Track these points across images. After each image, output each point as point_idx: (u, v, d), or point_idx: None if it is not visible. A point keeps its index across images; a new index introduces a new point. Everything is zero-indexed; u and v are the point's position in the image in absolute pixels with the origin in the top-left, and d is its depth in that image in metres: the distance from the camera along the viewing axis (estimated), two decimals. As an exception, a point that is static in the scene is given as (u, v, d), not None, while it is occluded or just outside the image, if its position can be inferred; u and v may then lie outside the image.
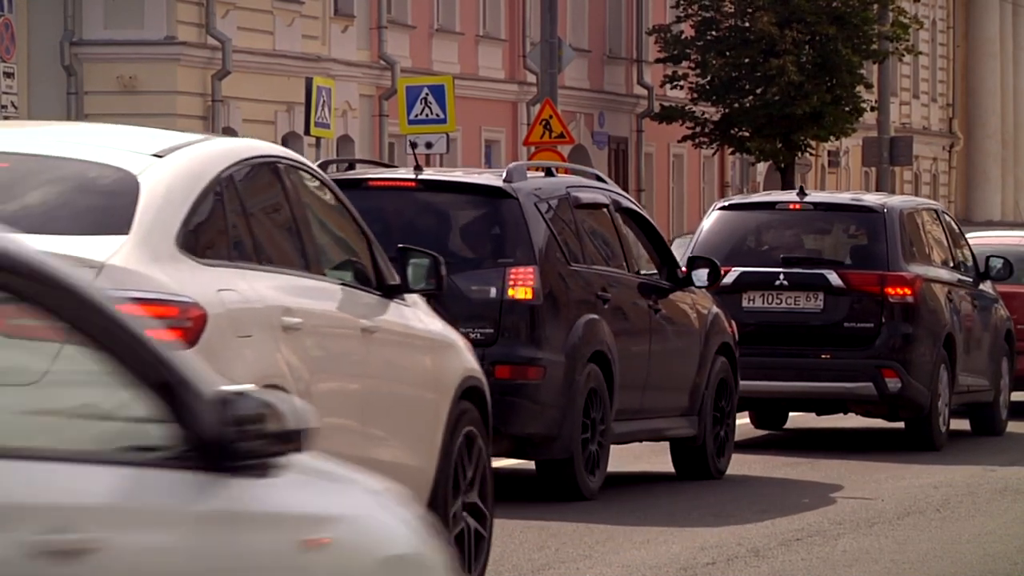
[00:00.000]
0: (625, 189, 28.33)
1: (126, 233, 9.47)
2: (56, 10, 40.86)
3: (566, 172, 18.95)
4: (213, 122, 40.92)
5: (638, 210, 18.14)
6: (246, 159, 10.58)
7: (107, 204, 9.77)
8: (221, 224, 10.16)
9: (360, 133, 45.30)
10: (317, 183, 11.34)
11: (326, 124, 37.89)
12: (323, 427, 9.43)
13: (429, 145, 36.51)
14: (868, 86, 57.83)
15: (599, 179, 18.91)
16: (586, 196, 16.92)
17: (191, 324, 9.38)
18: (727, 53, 55.29)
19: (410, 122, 37.77)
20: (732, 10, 55.59)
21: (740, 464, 18.06)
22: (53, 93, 40.05)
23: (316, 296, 10.65)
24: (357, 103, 46.56)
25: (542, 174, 17.50)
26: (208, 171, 10.12)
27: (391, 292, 11.30)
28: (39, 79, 39.02)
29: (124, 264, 9.32)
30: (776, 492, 16.46)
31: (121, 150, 10.15)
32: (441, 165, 34.73)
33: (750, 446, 19.88)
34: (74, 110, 40.04)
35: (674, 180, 60.51)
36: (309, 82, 39.35)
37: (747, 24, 55.00)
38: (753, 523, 14.60)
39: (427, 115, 37.61)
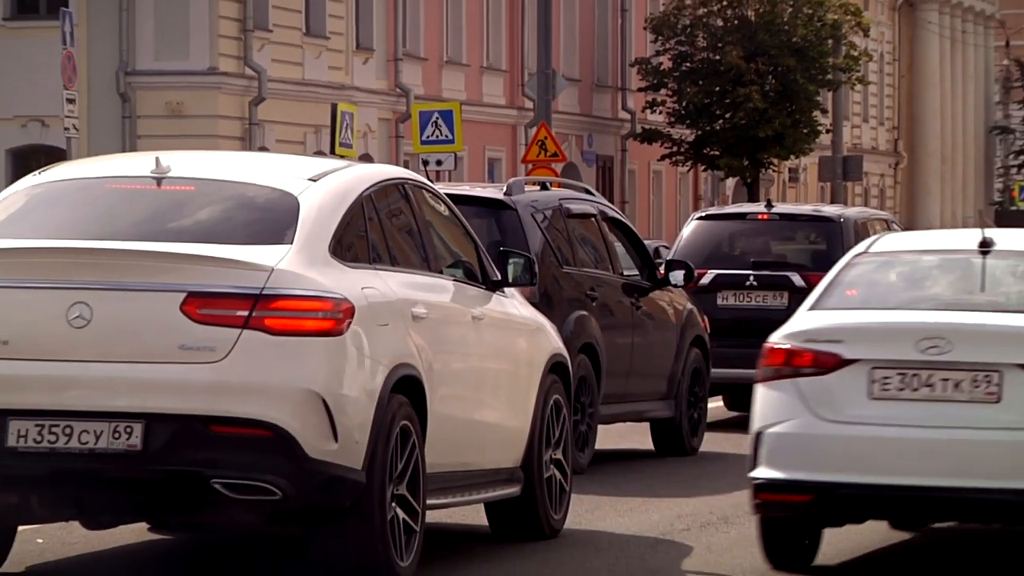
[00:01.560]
0: (611, 201, 28.30)
1: (289, 243, 9.90)
2: (113, 44, 40.86)
3: (559, 186, 18.95)
4: (250, 143, 40.91)
5: (622, 219, 18.11)
6: (380, 181, 11.14)
7: (273, 219, 10.17)
8: (362, 234, 10.55)
9: (379, 152, 45.26)
10: (434, 198, 11.96)
11: (349, 144, 37.91)
12: (445, 396, 10.76)
13: (439, 163, 36.63)
14: (823, 111, 57.95)
15: (588, 192, 18.88)
16: (576, 207, 16.93)
17: (342, 315, 9.78)
18: (700, 82, 55.41)
19: (423, 142, 37.81)
20: (704, 44, 55.84)
21: (712, 442, 18.09)
22: (110, 117, 40.03)
23: (436, 291, 11.13)
24: (376, 126, 46.60)
25: (538, 188, 17.46)
26: (352, 191, 10.62)
27: (494, 286, 11.94)
28: (97, 104, 38.99)
29: (289, 268, 9.73)
30: (744, 467, 16.49)
31: (283, 175, 10.68)
32: (449, 180, 34.64)
33: (723, 426, 19.82)
34: (128, 132, 40.04)
35: (654, 193, 60.58)
36: (334, 108, 39.36)
37: (718, 57, 55.21)
38: (723, 494, 14.56)
39: (437, 136, 37.63)
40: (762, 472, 11.24)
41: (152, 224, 10.08)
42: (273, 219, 10.07)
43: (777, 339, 11.45)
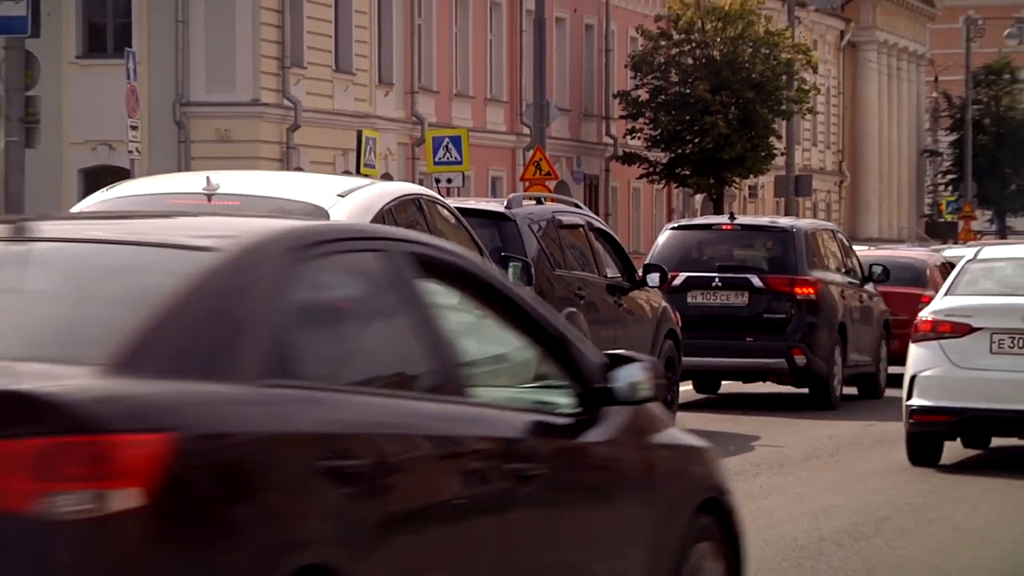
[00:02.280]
0: (596, 213, 28.31)
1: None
2: (170, 78, 40.75)
3: (552, 201, 18.91)
4: (287, 164, 40.74)
5: (606, 229, 18.16)
6: (399, 196, 11.41)
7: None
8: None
9: (397, 172, 45.06)
10: (445, 210, 12.16)
11: (372, 165, 37.70)
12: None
13: (449, 181, 36.46)
14: (778, 137, 57.72)
15: (576, 206, 18.91)
16: (567, 219, 16.94)
17: None
18: (672, 112, 55.18)
19: (435, 163, 37.61)
20: (676, 80, 55.58)
21: (682, 421, 18.07)
22: (167, 141, 39.93)
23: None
24: (395, 149, 46.43)
25: (534, 203, 17.48)
26: (375, 205, 10.82)
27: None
28: (156, 130, 38.88)
29: None
30: (709, 441, 16.37)
31: (316, 192, 10.85)
32: (458, 195, 34.50)
33: (691, 407, 19.82)
34: (182, 155, 39.92)
35: (633, 208, 60.33)
36: (359, 134, 39.14)
37: (688, 91, 54.97)
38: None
39: (448, 158, 37.46)
40: (915, 401, 15.13)
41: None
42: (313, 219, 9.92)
43: (926, 315, 15.64)
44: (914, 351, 15.98)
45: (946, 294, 16.32)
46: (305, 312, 6.20)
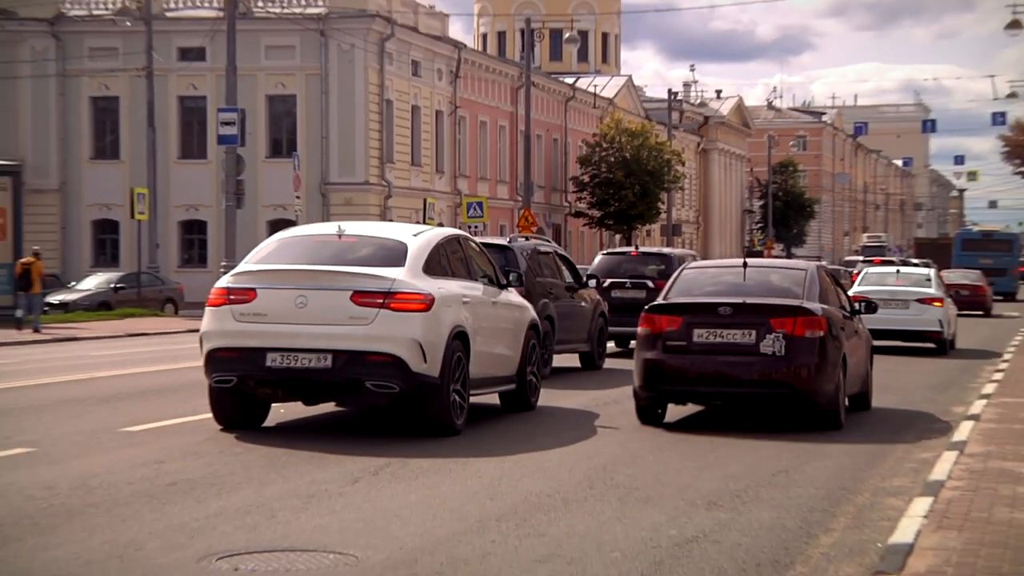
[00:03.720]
0: (559, 245, 28.44)
1: (403, 266, 9.76)
2: (317, 168, 41.00)
3: (534, 238, 18.86)
4: (384, 218, 40.93)
5: (564, 254, 18.09)
6: (447, 236, 11.01)
7: (395, 255, 9.96)
8: (438, 262, 10.32)
9: (446, 222, 45.22)
10: (473, 243, 11.75)
11: (432, 218, 38.29)
12: (479, 341, 10.45)
13: (476, 227, 36.51)
14: (662, 202, 58.01)
15: (548, 242, 18.96)
16: (543, 248, 16.89)
17: (429, 301, 9.61)
18: (602, 188, 55.65)
19: (468, 217, 37.83)
20: (604, 170, 55.93)
21: (609, 363, 17.88)
22: (316, 205, 40.21)
23: (474, 289, 10.82)
24: (445, 210, 46.67)
25: (524, 240, 17.47)
26: (433, 241, 10.44)
27: (502, 287, 11.59)
28: (310, 199, 39.11)
29: (403, 278, 9.64)
30: (621, 377, 16.14)
31: (401, 234, 10.47)
32: (481, 235, 34.67)
33: (613, 355, 19.13)
34: (325, 213, 40.15)
35: (580, 242, 60.47)
36: (425, 200, 39.50)
37: (611, 176, 55.39)
38: (612, 388, 14.07)
39: (475, 215, 37.64)
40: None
41: (336, 257, 10.02)
42: (395, 255, 9.93)
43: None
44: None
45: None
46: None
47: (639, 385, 10.96)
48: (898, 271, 24.44)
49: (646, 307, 11.30)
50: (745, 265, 11.82)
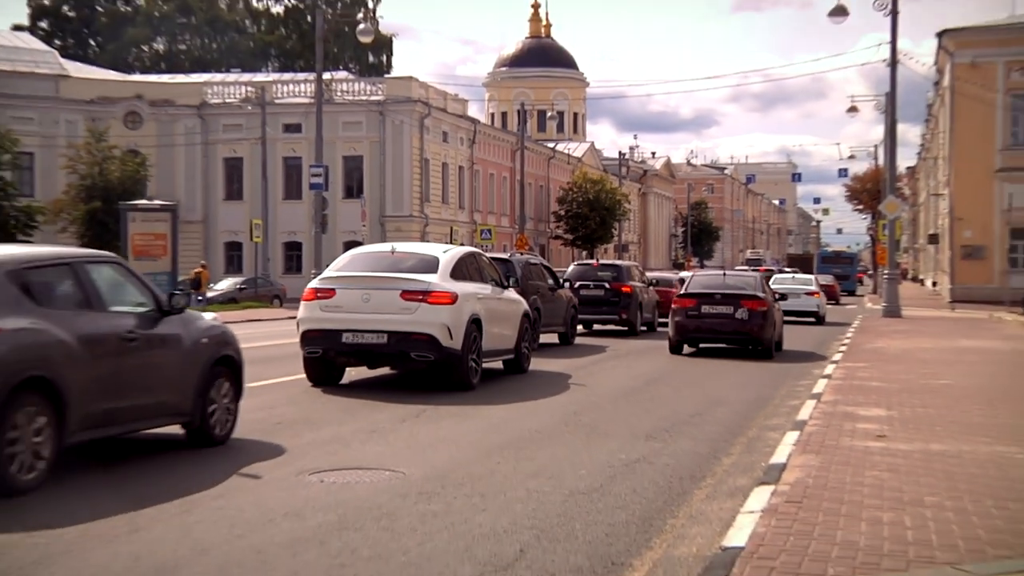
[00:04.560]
0: (544, 259, 28.26)
1: (436, 273, 9.54)
2: (377, 205, 40.34)
3: (526, 254, 18.69)
4: (422, 239, 40.56)
5: (547, 264, 17.80)
6: (467, 252, 10.71)
7: (431, 266, 9.74)
8: (460, 270, 10.06)
9: (466, 243, 45.04)
10: (484, 257, 11.42)
11: (456, 240, 37.77)
12: (489, 324, 9.93)
13: (486, 247, 36.18)
14: (614, 228, 57.19)
15: (536, 256, 18.72)
16: (533, 261, 16.56)
17: (454, 297, 9.39)
18: (574, 220, 55.01)
19: (481, 239, 37.58)
20: (575, 207, 54.93)
21: (579, 340, 17.20)
22: (376, 233, 39.47)
23: (485, 289, 10.52)
24: (465, 235, 46.11)
25: (520, 254, 17.28)
26: (457, 255, 10.22)
27: (504, 288, 11.33)
28: (372, 229, 38.23)
29: (436, 282, 9.39)
30: (586, 347, 15.85)
31: (435, 251, 10.26)
32: (490, 252, 34.43)
33: (582, 335, 18.42)
34: (384, 236, 39.12)
35: (559, 256, 59.91)
36: (451, 228, 39.21)
37: (579, 211, 54.82)
38: (585, 357, 13.62)
39: (485, 238, 37.48)
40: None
41: (390, 267, 9.91)
42: (430, 266, 9.81)
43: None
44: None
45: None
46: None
47: (672, 335, 14.30)
48: (725, 274, 24.38)
49: (677, 294, 14.74)
50: (724, 274, 15.54)
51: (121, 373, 5.48)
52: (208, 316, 6.72)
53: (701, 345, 14.71)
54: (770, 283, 24.75)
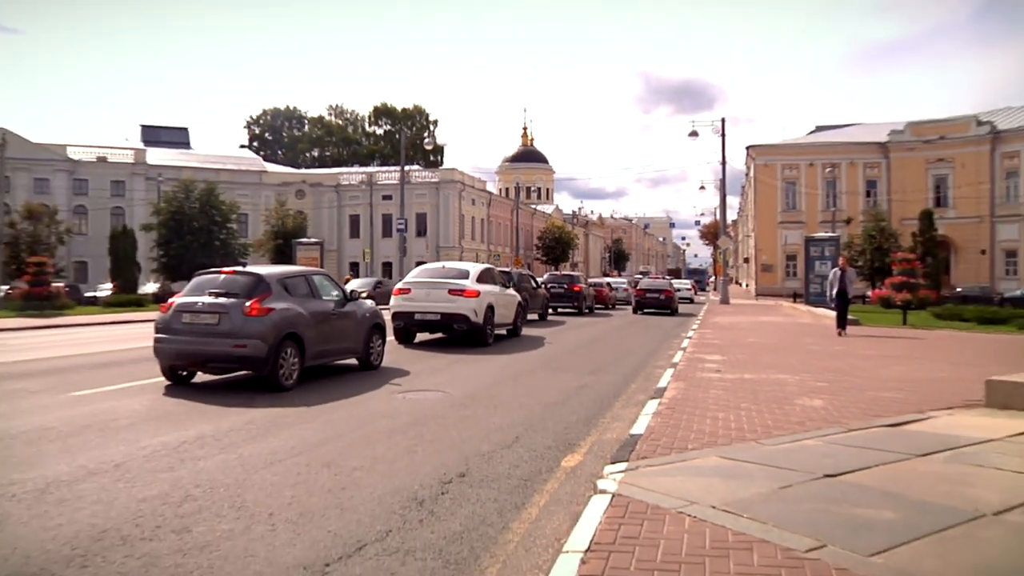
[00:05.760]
0: (530, 272, 27.55)
1: (468, 279, 9.25)
2: (435, 241, 39.96)
3: (520, 268, 18.02)
4: (461, 259, 39.76)
5: (532, 275, 16.52)
6: (486, 267, 10.14)
7: (465, 274, 9.43)
8: (483, 277, 9.72)
9: (487, 262, 44.13)
10: (496, 270, 10.78)
11: (479, 260, 37.02)
12: (498, 308, 9.23)
13: (497, 265, 35.24)
14: (570, 255, 51.81)
15: (526, 270, 18.01)
16: (524, 272, 15.71)
17: (479, 293, 9.11)
18: (546, 249, 51.15)
19: (493, 260, 36.90)
20: (550, 244, 50.27)
21: (551, 318, 15.99)
22: (434, 256, 39.00)
23: (496, 288, 10.15)
24: (485, 258, 45.11)
25: (516, 269, 16.52)
26: (481, 268, 9.78)
27: (507, 287, 10.92)
28: (432, 254, 37.93)
29: (469, 284, 9.07)
30: (555, 324, 15.08)
31: (467, 266, 9.76)
32: (501, 266, 33.71)
33: (555, 313, 16.72)
34: (437, 257, 38.85)
35: (540, 270, 59.09)
36: (476, 254, 38.48)
37: (551, 245, 50.06)
38: (552, 328, 12.96)
39: (496, 260, 36.92)
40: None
41: (441, 275, 9.71)
42: (465, 274, 9.61)
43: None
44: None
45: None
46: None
47: (633, 306, 15.99)
48: (666, 278, 24.52)
49: (635, 288, 15.74)
50: (663, 277, 15.34)
51: (329, 331, 6.31)
52: (368, 303, 7.08)
53: (644, 311, 16.60)
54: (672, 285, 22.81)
